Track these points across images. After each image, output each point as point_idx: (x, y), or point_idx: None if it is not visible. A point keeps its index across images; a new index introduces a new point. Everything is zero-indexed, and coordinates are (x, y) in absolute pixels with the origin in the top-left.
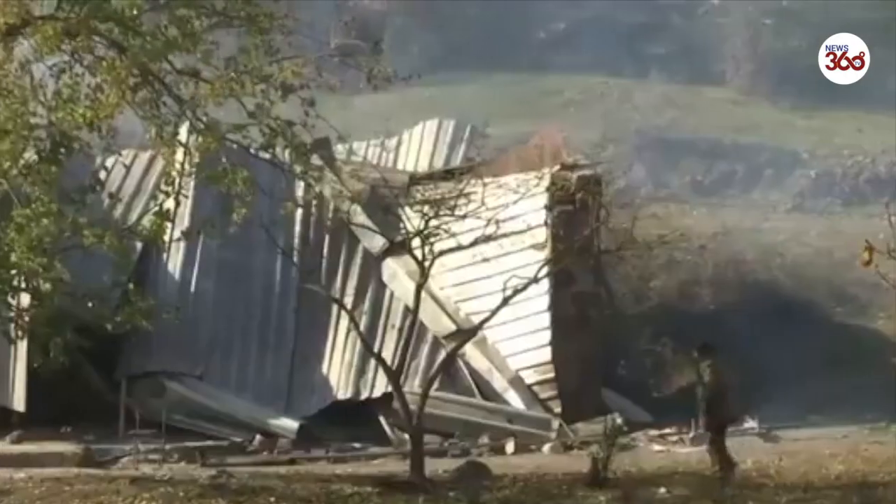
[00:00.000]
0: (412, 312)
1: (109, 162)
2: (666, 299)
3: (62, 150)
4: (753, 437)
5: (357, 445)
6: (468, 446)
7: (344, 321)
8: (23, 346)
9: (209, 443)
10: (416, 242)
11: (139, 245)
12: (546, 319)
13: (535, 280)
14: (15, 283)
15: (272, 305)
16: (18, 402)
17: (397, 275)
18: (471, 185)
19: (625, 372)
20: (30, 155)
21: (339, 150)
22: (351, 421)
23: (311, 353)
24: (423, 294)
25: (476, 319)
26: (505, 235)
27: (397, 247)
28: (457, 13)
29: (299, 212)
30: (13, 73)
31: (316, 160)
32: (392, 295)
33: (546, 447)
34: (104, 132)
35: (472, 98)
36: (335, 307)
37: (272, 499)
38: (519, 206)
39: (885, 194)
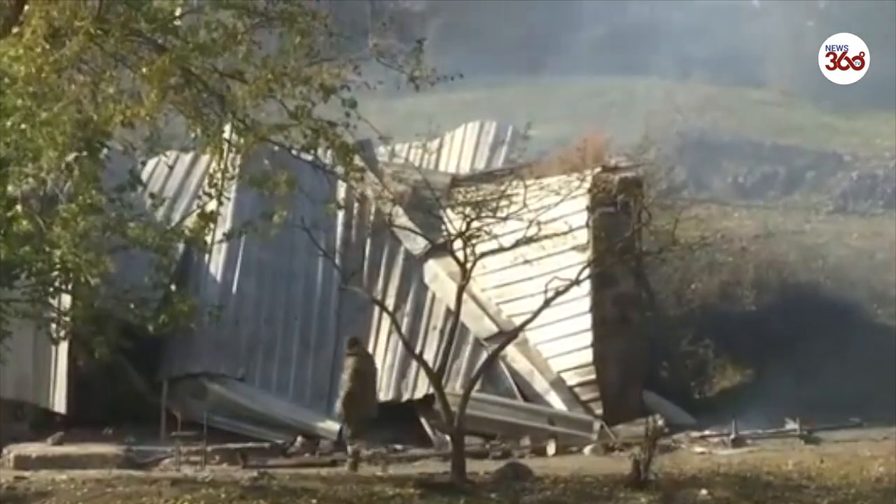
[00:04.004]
0: (454, 314)
1: (151, 162)
2: (707, 301)
3: (98, 146)
4: (794, 439)
5: (398, 447)
6: (509, 448)
7: (385, 323)
8: (64, 347)
9: (250, 444)
10: (457, 244)
11: (181, 246)
12: (587, 321)
13: (577, 282)
14: (57, 283)
15: (313, 307)
16: (60, 404)
17: (439, 276)
18: (512, 187)
19: (666, 374)
20: (71, 155)
21: (381, 151)
22: (392, 422)
23: None
24: (465, 296)
25: (517, 321)
26: (546, 237)
27: (439, 248)
28: (499, 14)
29: (341, 213)
30: (58, 73)
31: (358, 161)
32: (434, 296)
33: (587, 449)
34: (148, 133)
35: (514, 100)
36: (377, 309)
37: (313, 500)
38: (560, 207)
39: None
